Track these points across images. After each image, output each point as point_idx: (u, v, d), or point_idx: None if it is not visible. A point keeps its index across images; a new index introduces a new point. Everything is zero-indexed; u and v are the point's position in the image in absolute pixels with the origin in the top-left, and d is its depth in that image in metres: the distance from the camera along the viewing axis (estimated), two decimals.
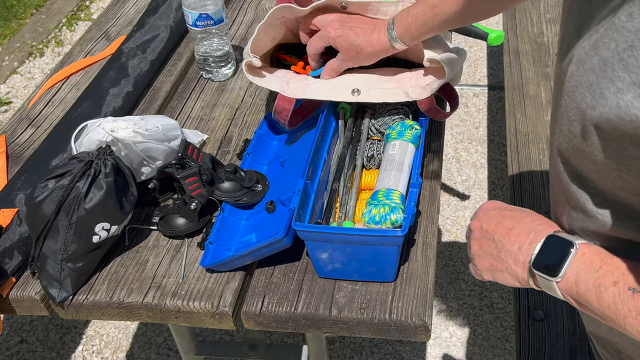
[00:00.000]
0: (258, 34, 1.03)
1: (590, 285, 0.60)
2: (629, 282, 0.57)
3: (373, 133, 1.02)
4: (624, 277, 0.58)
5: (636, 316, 0.56)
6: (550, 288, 0.64)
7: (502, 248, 0.69)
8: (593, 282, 0.60)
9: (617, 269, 0.59)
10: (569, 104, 0.60)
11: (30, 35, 3.36)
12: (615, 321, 0.58)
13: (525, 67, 1.89)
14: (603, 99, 0.54)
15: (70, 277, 0.89)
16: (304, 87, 1.02)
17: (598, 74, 0.54)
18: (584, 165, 0.62)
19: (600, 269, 0.60)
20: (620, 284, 0.58)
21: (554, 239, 0.64)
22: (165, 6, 1.42)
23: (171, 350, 1.88)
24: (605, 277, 0.59)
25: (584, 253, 0.62)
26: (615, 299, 0.58)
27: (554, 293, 0.64)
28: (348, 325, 0.86)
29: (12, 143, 1.18)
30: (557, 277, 0.62)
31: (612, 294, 0.58)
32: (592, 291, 0.60)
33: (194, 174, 0.96)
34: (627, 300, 0.57)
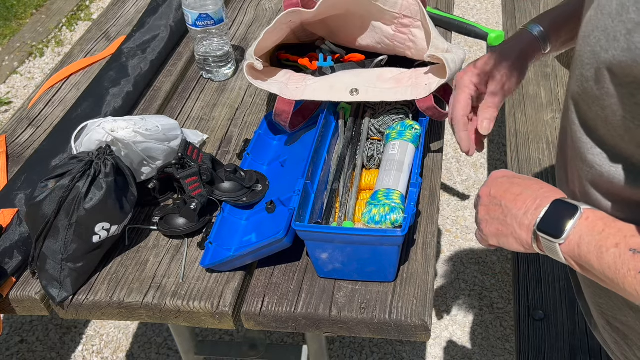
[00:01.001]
0: (264, 38, 1.03)
1: (593, 247, 0.61)
2: (630, 243, 0.59)
3: (373, 133, 1.02)
4: (626, 239, 0.59)
5: (635, 275, 0.57)
6: (553, 250, 0.65)
7: (509, 213, 0.70)
8: (595, 243, 0.61)
9: (619, 232, 0.60)
10: (584, 48, 0.61)
11: (30, 35, 3.36)
12: (615, 281, 0.59)
13: None
14: (616, 42, 0.55)
15: (70, 277, 0.89)
16: (303, 88, 1.02)
17: (614, 18, 0.55)
18: (592, 112, 0.63)
19: (603, 232, 0.61)
20: (622, 245, 0.59)
21: (559, 203, 0.66)
22: (165, 6, 1.42)
23: (171, 350, 1.88)
24: (607, 239, 0.60)
25: (588, 217, 0.63)
26: (616, 259, 0.59)
27: (556, 256, 0.65)
28: (348, 325, 0.86)
29: (12, 143, 1.18)
30: (560, 239, 0.63)
31: (613, 254, 0.59)
32: (594, 252, 0.61)
33: (194, 174, 0.96)
34: (628, 260, 0.58)
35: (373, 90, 1.00)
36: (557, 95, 1.77)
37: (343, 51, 1.14)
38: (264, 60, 1.09)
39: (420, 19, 1.03)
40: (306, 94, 1.01)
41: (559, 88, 1.79)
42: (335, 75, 1.05)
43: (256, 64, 1.02)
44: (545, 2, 2.13)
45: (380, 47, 1.11)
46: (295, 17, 1.03)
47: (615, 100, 0.58)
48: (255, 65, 1.02)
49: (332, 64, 1.08)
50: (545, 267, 1.45)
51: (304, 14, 1.02)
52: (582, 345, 1.30)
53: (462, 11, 3.27)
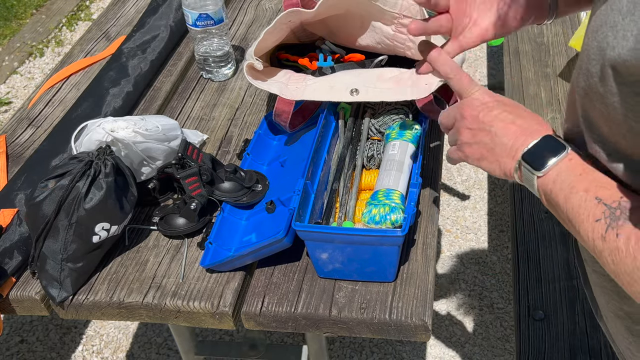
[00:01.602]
0: (263, 38, 1.03)
1: (565, 185, 0.62)
2: (599, 192, 0.60)
3: (373, 133, 1.02)
4: (597, 188, 0.61)
5: (592, 222, 0.59)
6: (530, 182, 0.66)
7: (499, 141, 0.69)
8: (568, 183, 0.62)
9: (594, 180, 0.61)
10: (591, 43, 0.60)
11: (30, 35, 3.36)
12: (574, 224, 0.61)
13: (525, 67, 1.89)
14: (624, 40, 0.55)
15: (70, 277, 0.89)
16: (303, 88, 1.02)
17: (625, 16, 0.55)
18: (595, 108, 0.63)
19: (580, 175, 0.62)
20: (591, 192, 0.60)
21: (550, 139, 0.66)
22: (165, 6, 1.42)
23: (171, 350, 1.88)
24: (581, 182, 0.62)
25: (571, 158, 0.64)
26: (580, 202, 0.60)
27: (532, 187, 0.66)
28: (348, 325, 0.86)
29: (12, 143, 1.18)
30: (540, 171, 0.64)
31: (580, 198, 0.61)
32: (565, 191, 0.62)
33: (194, 174, 0.96)
34: (590, 206, 0.60)
35: (373, 90, 1.00)
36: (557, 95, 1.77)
37: (343, 51, 1.14)
38: (264, 60, 1.09)
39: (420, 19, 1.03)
40: (306, 94, 1.01)
41: (559, 88, 1.79)
42: (335, 75, 1.05)
43: (256, 64, 1.02)
44: None
45: (380, 47, 1.11)
46: (295, 17, 1.03)
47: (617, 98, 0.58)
48: (255, 65, 1.02)
49: (332, 64, 1.08)
50: (545, 267, 1.45)
51: (304, 14, 1.02)
52: (582, 345, 1.30)
53: None
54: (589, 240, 0.60)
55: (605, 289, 0.75)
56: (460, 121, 0.74)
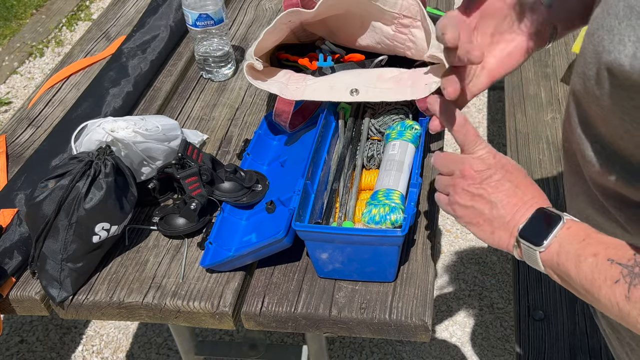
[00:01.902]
0: (263, 38, 1.03)
1: (571, 256, 0.61)
2: (609, 254, 0.58)
3: (373, 133, 1.02)
4: (606, 249, 0.59)
5: (610, 285, 0.57)
6: (533, 258, 0.65)
7: (497, 213, 0.68)
8: (574, 252, 0.61)
9: (599, 243, 0.60)
10: (587, 46, 0.60)
11: (30, 35, 3.36)
12: (591, 292, 0.59)
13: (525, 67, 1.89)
14: (621, 45, 0.54)
15: (70, 277, 0.89)
16: (303, 88, 1.02)
17: (621, 20, 0.55)
18: (592, 110, 0.62)
19: (583, 241, 0.61)
20: (601, 255, 0.59)
21: (543, 211, 0.66)
22: (165, 6, 1.42)
23: (171, 350, 1.88)
24: (587, 248, 0.60)
25: (570, 227, 0.63)
26: (593, 268, 0.58)
27: (535, 264, 0.65)
28: (348, 325, 0.86)
29: (12, 143, 1.18)
30: (540, 246, 0.63)
31: (591, 264, 0.59)
32: (572, 261, 0.60)
33: (194, 174, 0.96)
34: (605, 269, 0.57)
35: (373, 90, 1.00)
36: (557, 95, 1.77)
37: (343, 51, 1.14)
38: (264, 60, 1.09)
39: (420, 19, 1.03)
40: (306, 94, 1.01)
41: (559, 88, 1.79)
42: (335, 75, 1.05)
43: (256, 64, 1.02)
44: None
45: (380, 47, 1.11)
46: (295, 17, 1.03)
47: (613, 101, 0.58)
48: (255, 65, 1.02)
49: (332, 64, 1.08)
50: None
51: (304, 14, 1.02)
52: (582, 345, 1.30)
53: None
54: (612, 305, 0.57)
55: None
56: (459, 179, 0.72)
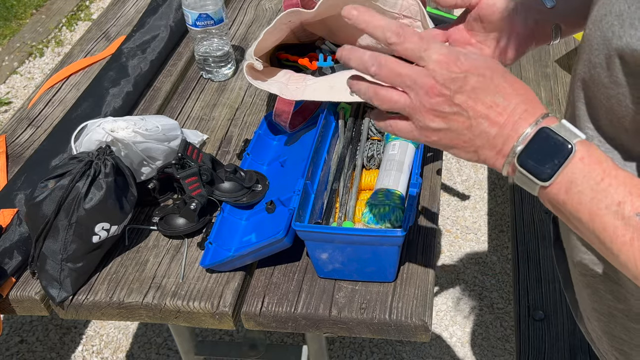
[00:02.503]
0: (263, 38, 1.03)
1: (586, 198, 0.52)
2: (637, 205, 0.50)
3: (373, 133, 1.02)
4: (632, 198, 0.50)
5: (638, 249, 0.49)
6: (529, 186, 0.55)
7: (478, 129, 0.56)
8: (590, 195, 0.52)
9: (623, 186, 0.51)
10: (594, 32, 0.57)
11: (30, 35, 3.36)
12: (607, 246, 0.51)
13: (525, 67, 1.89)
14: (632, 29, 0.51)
15: (70, 277, 0.89)
16: (303, 88, 1.02)
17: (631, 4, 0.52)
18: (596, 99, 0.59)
19: (602, 182, 0.52)
20: (626, 206, 0.50)
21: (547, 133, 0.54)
22: (165, 6, 1.42)
23: (171, 350, 1.88)
24: (607, 193, 0.51)
25: (582, 157, 0.53)
26: (617, 221, 0.50)
27: (530, 190, 0.56)
28: (348, 325, 0.86)
29: (12, 143, 1.18)
30: (545, 182, 0.53)
31: (614, 215, 0.50)
32: (586, 205, 0.52)
33: (194, 174, 0.96)
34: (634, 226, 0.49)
35: None
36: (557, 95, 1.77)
37: None
38: (264, 60, 1.09)
39: (420, 19, 1.03)
40: (306, 94, 1.01)
41: (559, 88, 1.79)
42: (335, 75, 1.05)
43: (256, 64, 1.02)
44: None
45: (380, 47, 1.11)
46: (295, 17, 1.03)
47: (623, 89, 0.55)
48: (255, 65, 1.02)
49: (332, 64, 1.08)
50: (545, 267, 1.45)
51: (304, 14, 1.02)
52: (582, 345, 1.30)
53: None
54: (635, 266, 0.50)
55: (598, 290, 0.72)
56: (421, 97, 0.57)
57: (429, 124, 0.58)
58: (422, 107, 0.57)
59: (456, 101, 0.56)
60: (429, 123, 0.57)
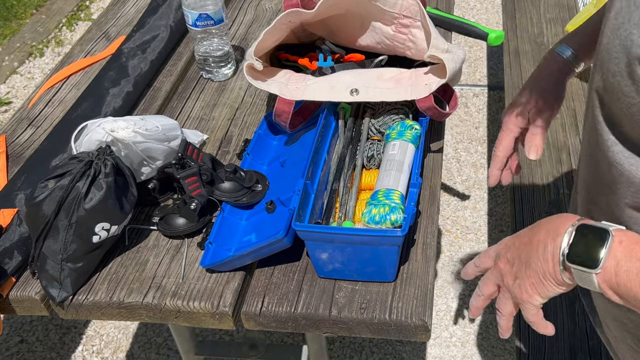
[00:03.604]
0: (263, 38, 1.03)
1: (634, 275, 0.57)
2: None
3: (373, 133, 1.02)
4: None
5: None
6: (587, 280, 0.60)
7: (530, 259, 0.66)
8: (636, 271, 0.56)
9: None
10: (612, 41, 0.58)
11: (30, 35, 3.36)
12: None
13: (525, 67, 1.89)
14: None
15: (70, 277, 0.89)
16: (303, 88, 1.02)
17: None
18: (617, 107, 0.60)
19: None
20: None
21: (585, 228, 0.61)
22: (165, 6, 1.42)
23: (171, 350, 1.89)
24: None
25: (621, 241, 0.58)
26: None
27: (590, 285, 0.61)
28: (348, 325, 0.86)
29: (12, 143, 1.18)
30: (596, 268, 0.59)
31: None
32: (636, 280, 0.56)
33: (194, 174, 0.96)
34: None
35: (373, 90, 1.00)
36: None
37: (343, 51, 1.14)
38: (264, 61, 1.09)
39: (420, 19, 1.03)
40: (306, 94, 1.01)
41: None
42: (335, 75, 1.05)
43: (256, 64, 1.02)
44: (545, 2, 2.13)
45: (380, 47, 1.11)
46: (295, 17, 1.03)
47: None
48: (255, 65, 1.02)
49: (332, 64, 1.08)
50: None
51: (304, 15, 1.01)
52: (582, 345, 1.30)
53: (462, 11, 3.27)
54: None
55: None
56: (503, 273, 0.72)
57: (513, 290, 0.71)
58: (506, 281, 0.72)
59: (509, 259, 0.70)
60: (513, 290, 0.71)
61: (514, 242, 0.70)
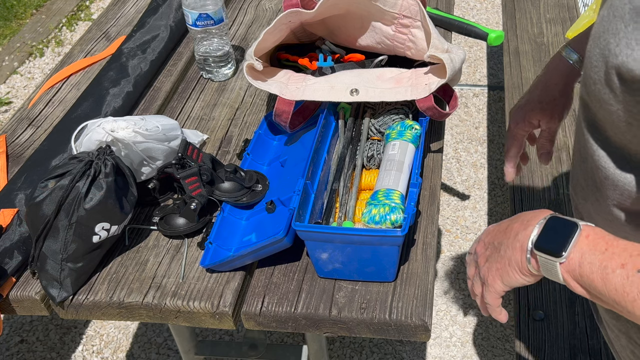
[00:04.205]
0: (263, 38, 1.03)
1: (596, 267, 0.58)
2: (637, 264, 0.56)
3: (373, 133, 1.02)
4: (632, 258, 0.57)
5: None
6: (552, 270, 0.62)
7: (501, 245, 0.69)
8: (599, 264, 0.58)
9: (624, 251, 0.58)
10: (593, 49, 0.59)
11: (30, 35, 3.36)
12: (622, 304, 0.57)
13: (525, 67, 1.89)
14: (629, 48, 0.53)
15: (70, 277, 0.89)
16: (303, 88, 1.02)
17: (627, 23, 0.54)
18: (599, 114, 0.61)
19: (607, 251, 0.58)
20: (629, 266, 0.56)
21: (555, 220, 0.63)
22: (165, 6, 1.42)
23: (171, 350, 1.89)
24: (612, 258, 0.58)
25: (588, 235, 0.60)
26: (624, 281, 0.56)
27: (554, 276, 0.63)
28: (348, 325, 0.86)
29: (12, 143, 1.18)
30: (561, 257, 0.61)
31: (620, 276, 0.56)
32: (598, 273, 0.58)
33: (194, 174, 0.96)
34: (637, 282, 0.55)
35: (373, 90, 1.00)
36: None
37: (343, 51, 1.14)
38: (264, 61, 1.09)
39: (420, 19, 1.03)
40: (306, 94, 1.01)
41: None
42: (335, 75, 1.05)
43: (256, 64, 1.02)
44: (545, 2, 2.13)
45: (380, 47, 1.11)
46: (295, 17, 1.03)
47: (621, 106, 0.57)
48: (255, 65, 1.02)
49: (332, 64, 1.08)
50: None
51: (304, 15, 1.01)
52: (582, 345, 1.30)
53: (462, 11, 3.27)
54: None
55: None
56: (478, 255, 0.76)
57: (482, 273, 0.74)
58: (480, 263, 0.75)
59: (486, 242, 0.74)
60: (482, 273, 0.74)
61: (494, 228, 0.74)
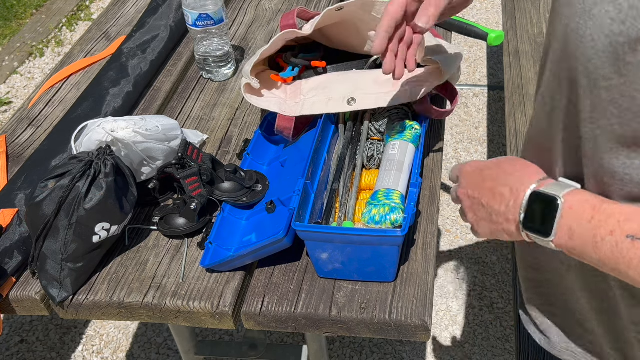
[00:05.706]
0: (260, 57, 1.04)
1: (586, 238, 0.58)
2: (625, 229, 0.56)
3: (373, 133, 1.02)
4: (620, 224, 0.56)
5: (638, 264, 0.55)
6: (545, 244, 0.63)
7: (492, 211, 0.68)
8: (588, 234, 0.58)
9: (610, 217, 0.57)
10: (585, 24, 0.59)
11: (30, 35, 3.36)
12: (617, 269, 0.57)
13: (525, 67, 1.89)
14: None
15: (70, 277, 0.89)
16: (302, 102, 1.03)
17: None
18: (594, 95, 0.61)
19: (593, 219, 0.58)
20: (617, 232, 0.56)
21: (536, 196, 0.63)
22: (165, 6, 1.42)
23: (171, 350, 1.89)
24: (600, 227, 0.58)
25: (571, 206, 0.60)
26: (613, 248, 0.56)
27: (548, 247, 0.63)
28: (348, 325, 0.86)
29: (12, 143, 1.18)
30: (549, 237, 0.61)
31: (610, 243, 0.57)
32: (589, 243, 0.58)
33: (194, 174, 0.96)
34: (627, 249, 0.55)
35: (369, 97, 1.00)
36: None
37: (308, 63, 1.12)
38: (262, 65, 1.10)
39: None
40: (305, 109, 1.02)
41: None
42: (330, 82, 1.05)
43: (253, 83, 1.02)
44: (545, 2, 2.13)
45: None
46: (291, 35, 1.04)
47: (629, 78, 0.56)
48: (253, 84, 1.02)
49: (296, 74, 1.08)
50: None
51: (300, 34, 1.02)
52: None
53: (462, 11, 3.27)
54: None
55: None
56: (459, 202, 0.75)
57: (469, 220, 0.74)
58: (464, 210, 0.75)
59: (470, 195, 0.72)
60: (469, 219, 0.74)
61: (477, 180, 0.71)
